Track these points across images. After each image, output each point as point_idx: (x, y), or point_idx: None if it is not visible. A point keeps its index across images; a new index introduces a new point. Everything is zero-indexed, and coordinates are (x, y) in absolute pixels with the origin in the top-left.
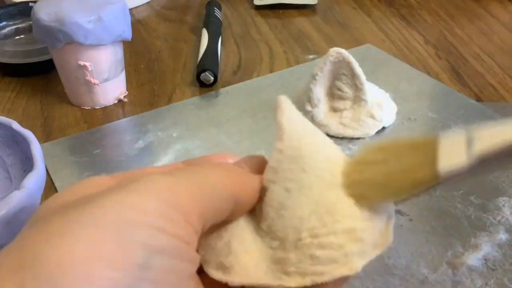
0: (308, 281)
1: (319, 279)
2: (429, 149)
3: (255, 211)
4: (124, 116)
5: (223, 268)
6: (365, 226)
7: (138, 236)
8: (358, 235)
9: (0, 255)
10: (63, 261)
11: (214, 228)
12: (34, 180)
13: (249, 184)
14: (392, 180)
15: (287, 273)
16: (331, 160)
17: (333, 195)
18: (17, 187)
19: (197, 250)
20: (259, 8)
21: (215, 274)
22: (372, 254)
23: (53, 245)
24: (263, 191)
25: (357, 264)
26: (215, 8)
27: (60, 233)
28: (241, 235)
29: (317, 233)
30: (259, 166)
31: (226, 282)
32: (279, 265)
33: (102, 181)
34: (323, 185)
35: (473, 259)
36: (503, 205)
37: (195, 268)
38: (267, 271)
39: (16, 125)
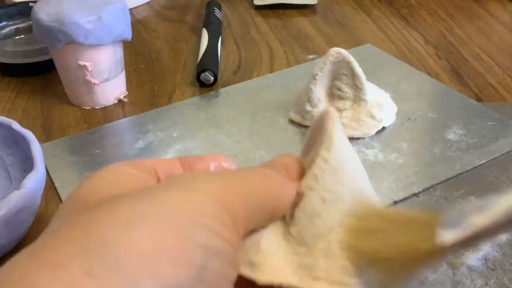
0: None
1: None
2: (431, 222)
3: (284, 216)
4: (124, 116)
5: (252, 265)
6: None
7: (199, 237)
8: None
9: (60, 234)
10: (131, 251)
11: None
12: (34, 180)
13: (287, 194)
14: (393, 253)
15: (315, 278)
16: (363, 175)
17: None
18: (17, 187)
19: None
20: (259, 8)
21: (243, 270)
22: None
23: (121, 233)
24: (298, 197)
25: None
26: (215, 8)
27: (127, 223)
28: (269, 236)
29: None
30: (295, 168)
31: (254, 279)
32: (307, 270)
33: (132, 171)
34: (355, 201)
35: (473, 259)
36: None
37: (237, 274)
38: (294, 274)
39: (16, 125)
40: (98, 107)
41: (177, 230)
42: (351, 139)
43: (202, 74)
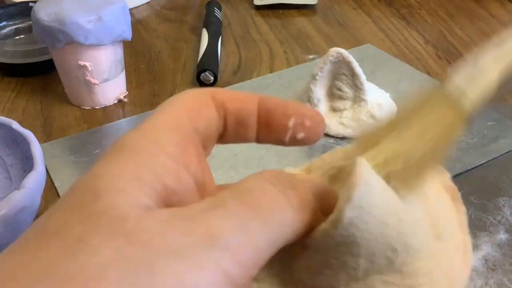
0: None
1: None
2: (444, 100)
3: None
4: (124, 116)
5: None
6: None
7: None
8: None
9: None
10: None
11: None
12: (34, 180)
13: (302, 230)
14: (427, 146)
15: None
16: (396, 246)
17: (377, 281)
18: (17, 187)
19: None
20: (259, 8)
21: None
22: None
23: None
24: (302, 248)
25: None
26: (215, 8)
27: None
28: (266, 265)
29: None
30: (329, 201)
31: None
32: None
33: (167, 147)
34: (371, 270)
35: (473, 259)
36: (503, 205)
37: None
38: None
39: (16, 125)
40: (98, 107)
41: None
42: (351, 139)
43: (202, 74)
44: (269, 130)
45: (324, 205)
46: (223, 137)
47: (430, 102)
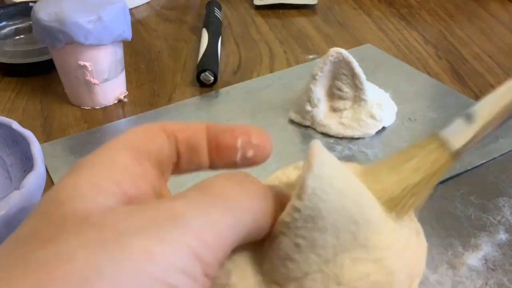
0: None
1: None
2: (434, 142)
3: (262, 242)
4: (124, 116)
5: None
6: None
7: None
8: None
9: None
10: None
11: None
12: (34, 180)
13: (271, 222)
14: (418, 179)
15: None
16: (357, 219)
17: (346, 259)
18: (17, 187)
19: None
20: (259, 8)
21: None
22: None
23: None
24: (271, 238)
25: None
26: (215, 8)
27: (82, 283)
28: (243, 268)
29: None
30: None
31: None
32: None
33: (126, 161)
34: (338, 247)
35: (473, 259)
36: (503, 205)
37: None
38: None
39: (16, 125)
40: (98, 107)
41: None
42: (352, 139)
43: (202, 74)
44: (220, 154)
45: (282, 206)
46: (178, 166)
47: (423, 145)
